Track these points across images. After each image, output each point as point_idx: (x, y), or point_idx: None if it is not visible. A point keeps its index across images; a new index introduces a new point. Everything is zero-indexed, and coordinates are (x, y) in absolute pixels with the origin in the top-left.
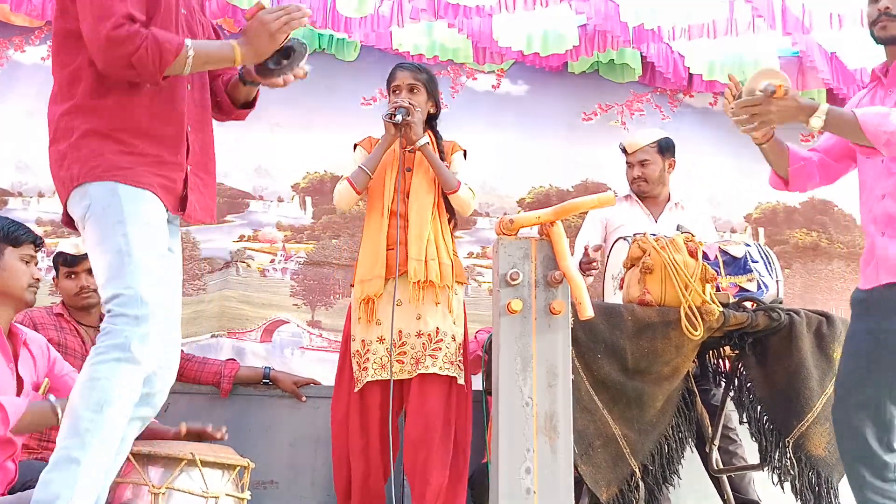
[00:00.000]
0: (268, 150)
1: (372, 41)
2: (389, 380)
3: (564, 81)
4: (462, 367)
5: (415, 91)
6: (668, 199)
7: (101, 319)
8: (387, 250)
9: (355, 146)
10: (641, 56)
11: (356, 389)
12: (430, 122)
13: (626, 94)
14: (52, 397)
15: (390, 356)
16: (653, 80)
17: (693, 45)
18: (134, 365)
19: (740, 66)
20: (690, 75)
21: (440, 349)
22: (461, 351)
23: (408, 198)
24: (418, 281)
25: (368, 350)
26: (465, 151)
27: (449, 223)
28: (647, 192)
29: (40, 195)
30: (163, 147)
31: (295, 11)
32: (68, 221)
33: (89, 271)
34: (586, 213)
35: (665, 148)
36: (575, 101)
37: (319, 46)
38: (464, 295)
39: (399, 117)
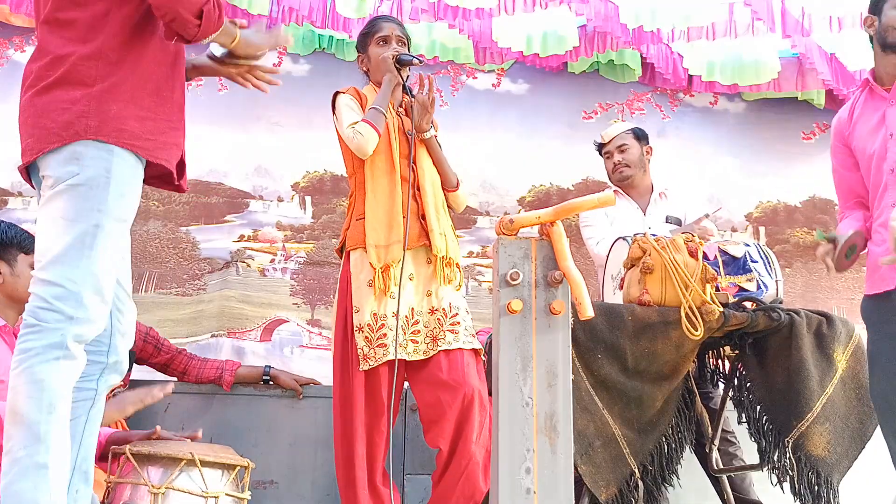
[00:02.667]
0: (268, 150)
1: None
2: (395, 360)
3: (565, 80)
4: (475, 336)
5: (405, 43)
6: (652, 190)
7: None
8: (402, 217)
9: (337, 94)
10: (641, 56)
11: (364, 367)
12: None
13: (626, 94)
14: None
15: (405, 334)
16: (653, 81)
17: (692, 46)
18: (72, 361)
19: (740, 67)
20: (690, 76)
21: (458, 323)
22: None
23: (415, 164)
24: (442, 256)
25: (384, 325)
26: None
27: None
28: (629, 178)
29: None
30: (173, 112)
31: (280, 38)
32: (27, 174)
33: None
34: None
35: (640, 135)
36: (575, 100)
37: (319, 46)
38: None
39: (413, 60)
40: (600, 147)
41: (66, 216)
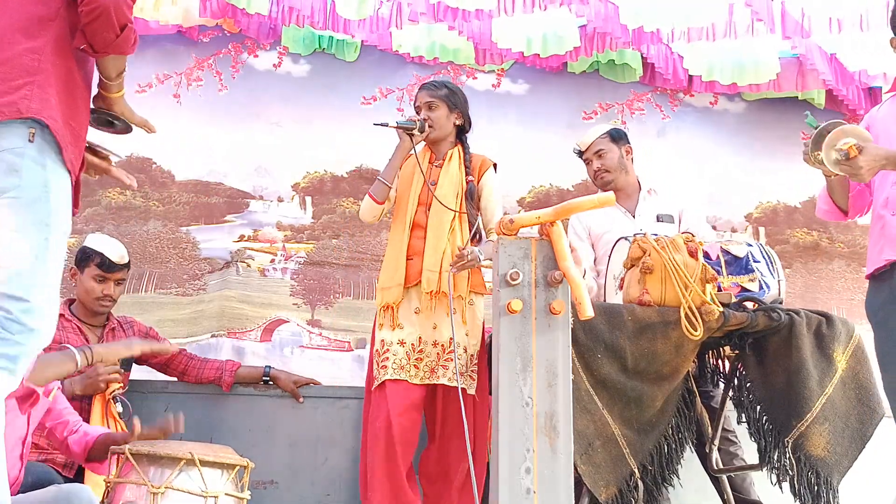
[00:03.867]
0: (268, 150)
1: (372, 42)
2: (405, 380)
3: (565, 80)
4: (474, 378)
5: (433, 108)
6: (640, 189)
7: (107, 320)
8: (407, 260)
9: None
10: (641, 56)
11: (373, 387)
12: (459, 134)
13: (626, 94)
14: (71, 347)
15: (409, 360)
16: (653, 81)
17: (692, 46)
18: (13, 377)
19: (740, 67)
20: (690, 76)
21: (451, 360)
22: (473, 361)
23: (429, 210)
24: (431, 291)
25: (388, 350)
26: (495, 165)
27: (473, 239)
28: (611, 183)
29: None
30: (82, 122)
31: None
32: None
33: (118, 282)
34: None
35: (617, 136)
36: (575, 100)
37: (319, 46)
38: (483, 306)
39: (419, 126)
40: (580, 154)
41: (14, 228)
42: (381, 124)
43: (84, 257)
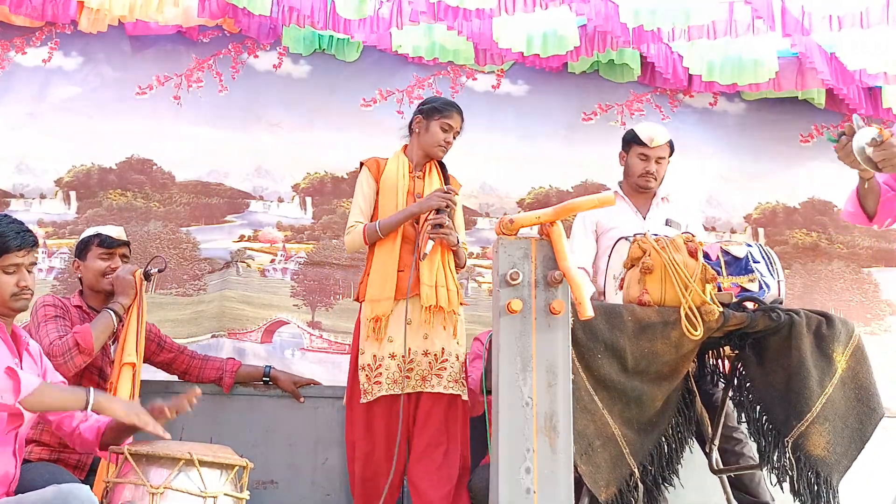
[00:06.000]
0: (268, 151)
1: (372, 42)
2: (400, 395)
3: (564, 81)
4: (465, 384)
5: (455, 137)
6: (655, 195)
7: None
8: (397, 272)
9: (361, 164)
10: (641, 56)
11: (363, 401)
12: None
13: (625, 94)
14: (91, 389)
15: (401, 372)
16: (653, 80)
17: (692, 45)
18: None
19: (740, 67)
20: (690, 76)
21: (445, 369)
22: (463, 368)
23: (417, 223)
24: (430, 305)
25: (381, 366)
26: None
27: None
28: (650, 189)
29: (42, 196)
30: None
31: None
32: None
33: (122, 256)
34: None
35: (672, 149)
36: (575, 101)
37: (319, 47)
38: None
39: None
40: (633, 139)
41: None
42: (424, 256)
43: (84, 244)
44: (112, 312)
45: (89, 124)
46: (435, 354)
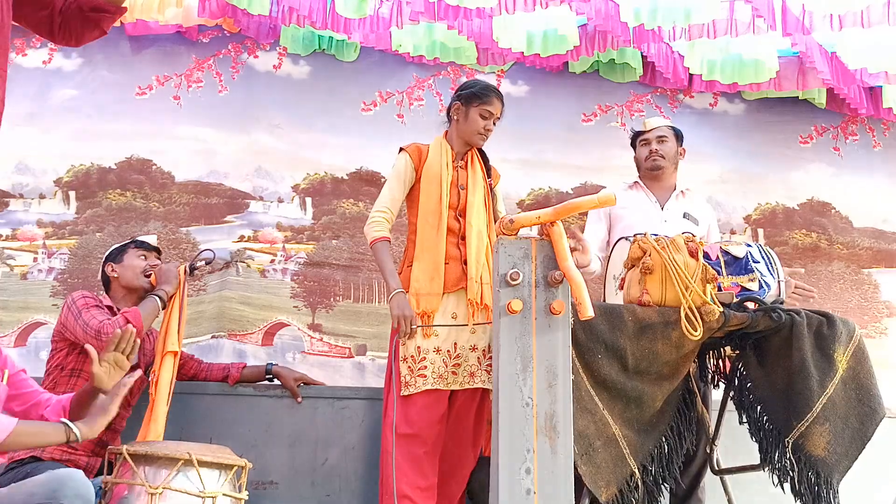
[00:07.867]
0: (268, 151)
1: (372, 42)
2: (444, 389)
3: (564, 82)
4: None
5: (495, 124)
6: (675, 188)
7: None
8: (444, 264)
9: (401, 150)
10: (642, 56)
11: (404, 393)
12: None
13: (626, 95)
14: (67, 422)
15: (446, 367)
16: (653, 80)
17: (692, 45)
18: None
19: (740, 66)
20: (690, 75)
21: (492, 365)
22: None
23: (462, 216)
24: (476, 301)
25: (425, 359)
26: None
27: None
28: (661, 169)
29: (41, 197)
30: None
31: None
32: None
33: (157, 257)
34: (586, 213)
35: (678, 133)
36: (575, 102)
37: (319, 47)
38: None
39: None
40: (637, 134)
41: None
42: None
43: (119, 249)
44: (157, 298)
45: (89, 124)
46: (483, 350)
